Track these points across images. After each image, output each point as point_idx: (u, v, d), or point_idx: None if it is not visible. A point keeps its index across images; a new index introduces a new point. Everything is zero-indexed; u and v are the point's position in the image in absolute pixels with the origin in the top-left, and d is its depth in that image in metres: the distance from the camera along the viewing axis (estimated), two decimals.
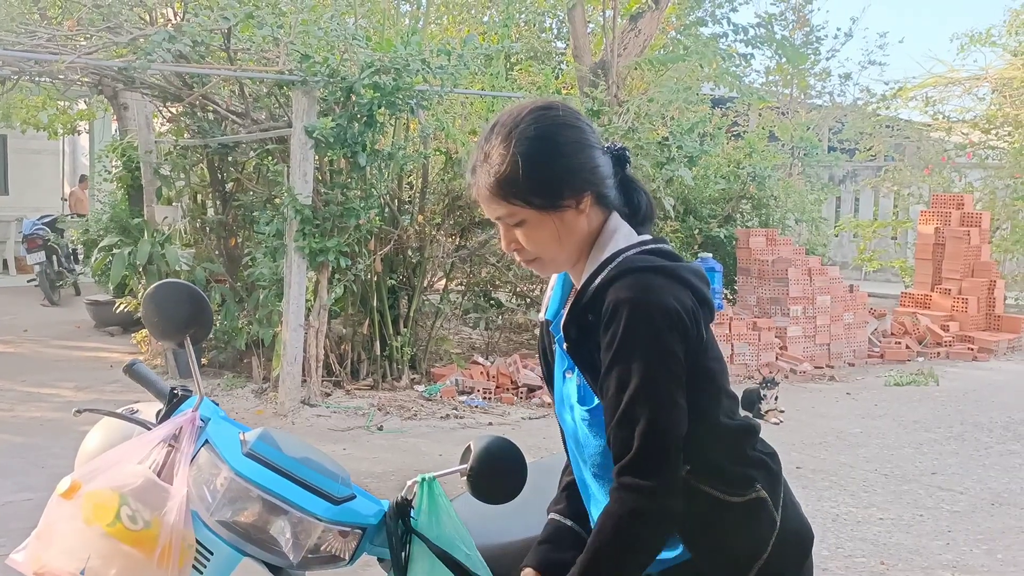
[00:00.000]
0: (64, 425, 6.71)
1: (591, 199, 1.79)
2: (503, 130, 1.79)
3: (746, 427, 1.86)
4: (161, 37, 6.41)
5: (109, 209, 10.25)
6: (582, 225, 1.80)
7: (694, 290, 1.76)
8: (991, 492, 5.87)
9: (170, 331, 2.03)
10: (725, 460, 1.79)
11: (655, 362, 1.68)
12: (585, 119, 1.87)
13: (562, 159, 1.76)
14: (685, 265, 1.80)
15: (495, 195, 1.78)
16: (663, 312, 1.68)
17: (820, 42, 14.95)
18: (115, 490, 1.84)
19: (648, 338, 1.67)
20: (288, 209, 7.08)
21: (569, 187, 1.76)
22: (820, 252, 11.21)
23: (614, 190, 1.84)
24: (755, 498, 1.77)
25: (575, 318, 1.79)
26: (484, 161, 1.80)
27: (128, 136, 10.52)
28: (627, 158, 1.88)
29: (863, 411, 8.01)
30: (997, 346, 10.81)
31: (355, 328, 8.13)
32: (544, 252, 1.82)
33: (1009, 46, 18.86)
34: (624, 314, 1.68)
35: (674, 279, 1.74)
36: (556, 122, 1.79)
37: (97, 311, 10.87)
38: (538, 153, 1.75)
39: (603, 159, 1.82)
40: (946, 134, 15.74)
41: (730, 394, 1.85)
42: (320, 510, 1.92)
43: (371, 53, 6.83)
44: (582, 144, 1.79)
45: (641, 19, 10.13)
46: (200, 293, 2.03)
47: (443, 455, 6.35)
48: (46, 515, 1.86)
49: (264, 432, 1.99)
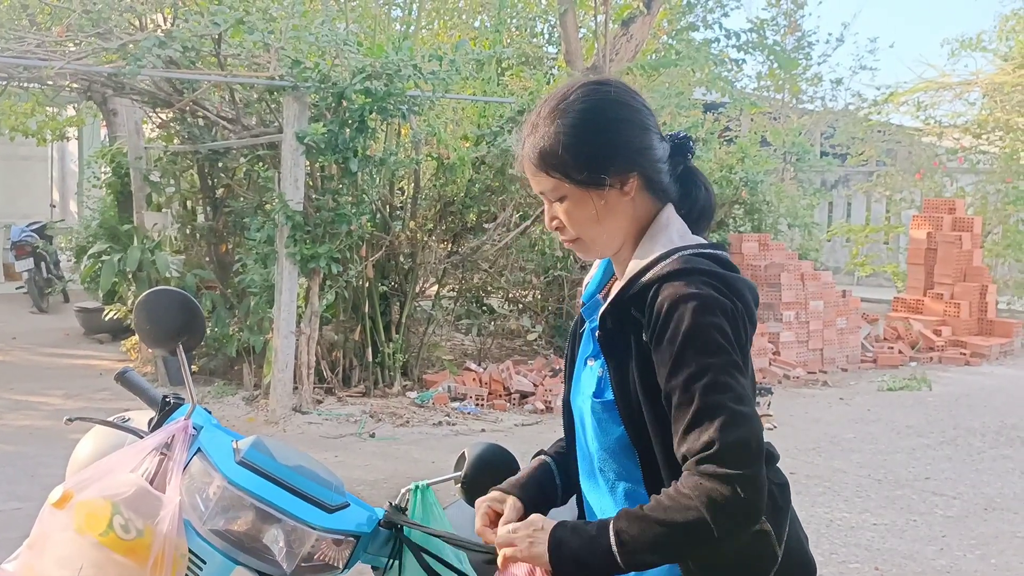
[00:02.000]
0: (54, 434, 6.65)
1: (638, 182, 1.72)
2: (552, 102, 1.76)
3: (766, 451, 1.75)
4: (151, 43, 6.38)
5: (98, 216, 10.20)
6: (627, 209, 1.74)
7: (747, 306, 1.68)
8: (984, 497, 5.87)
9: (162, 338, 2.01)
10: None
11: (728, 357, 1.59)
12: (642, 101, 1.79)
13: (607, 134, 1.70)
14: (742, 278, 1.71)
15: (538, 167, 1.74)
16: (729, 314, 1.62)
17: (811, 47, 15.00)
18: (107, 499, 1.81)
19: (719, 334, 1.59)
20: (279, 215, 7.05)
21: (613, 164, 1.70)
22: (813, 257, 11.22)
23: (669, 179, 1.76)
24: (758, 531, 1.65)
25: (616, 309, 1.71)
26: (531, 132, 1.76)
27: (117, 142, 10.48)
28: (689, 148, 1.80)
29: (856, 416, 8.02)
30: (989, 351, 10.83)
31: (347, 335, 8.10)
32: (584, 232, 1.76)
33: (1000, 51, 18.97)
34: (689, 310, 1.59)
35: (732, 290, 1.66)
36: (606, 97, 1.74)
37: (86, 318, 10.81)
38: (582, 126, 1.70)
39: (659, 143, 1.75)
40: (937, 139, 15.79)
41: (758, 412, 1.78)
42: (314, 518, 1.89)
43: (362, 58, 6.81)
44: (632, 123, 1.73)
45: (633, 24, 10.15)
46: (192, 300, 2.01)
47: (436, 462, 6.32)
48: (38, 525, 1.83)
49: (257, 440, 1.97)
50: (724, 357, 1.59)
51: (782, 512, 1.73)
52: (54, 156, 19.57)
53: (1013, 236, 13.22)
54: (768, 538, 1.67)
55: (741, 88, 14.73)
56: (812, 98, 16.55)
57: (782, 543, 1.69)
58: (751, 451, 1.56)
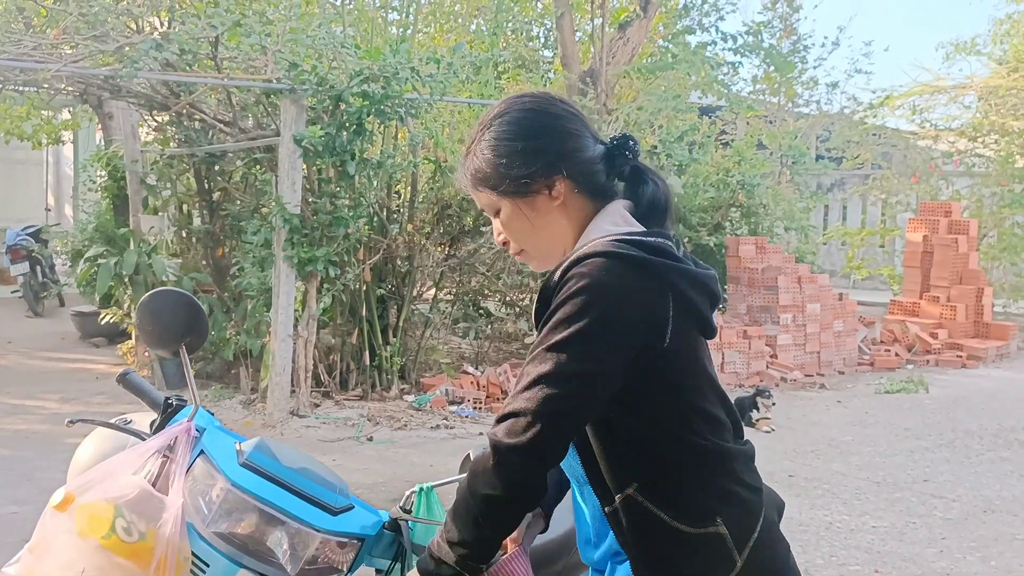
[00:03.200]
0: (51, 437, 6.63)
1: (567, 186, 1.72)
2: (479, 123, 1.81)
3: (720, 451, 1.68)
4: (148, 45, 6.36)
5: (94, 219, 10.17)
6: (560, 214, 1.74)
7: (677, 293, 1.63)
8: (983, 499, 5.87)
9: (165, 340, 1.99)
10: (683, 483, 1.65)
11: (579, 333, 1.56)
12: (569, 106, 1.81)
13: (525, 141, 1.72)
14: (672, 264, 1.64)
15: (471, 185, 1.79)
16: (610, 294, 1.57)
17: (807, 50, 15.01)
18: (110, 502, 1.80)
19: (583, 310, 1.56)
20: (276, 218, 7.03)
21: (536, 170, 1.71)
22: (809, 260, 11.23)
23: (608, 179, 1.77)
24: (712, 532, 1.62)
25: (545, 305, 1.67)
26: (465, 153, 1.81)
27: (113, 146, 10.45)
28: (629, 147, 1.78)
29: (854, 419, 8.01)
30: (986, 353, 10.85)
31: (344, 338, 8.07)
32: (525, 242, 1.78)
33: (994, 55, 19.01)
34: (574, 287, 1.58)
35: (644, 271, 1.61)
36: (524, 107, 1.77)
37: (82, 322, 10.77)
38: (502, 137, 1.73)
39: (589, 146, 1.75)
40: (933, 142, 15.81)
41: (707, 414, 1.68)
42: (318, 521, 1.88)
43: (360, 61, 6.80)
44: (551, 128, 1.74)
45: (629, 27, 10.15)
46: (195, 301, 1.99)
47: (434, 465, 6.31)
48: (40, 528, 1.82)
49: (260, 442, 1.96)
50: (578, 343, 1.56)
51: (749, 517, 1.67)
52: (49, 160, 19.53)
53: (1009, 239, 13.24)
54: (722, 541, 1.62)
55: (737, 92, 14.73)
56: (808, 102, 16.57)
57: (743, 550, 1.63)
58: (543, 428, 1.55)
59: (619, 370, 1.59)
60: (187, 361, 1.99)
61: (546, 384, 1.55)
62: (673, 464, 1.65)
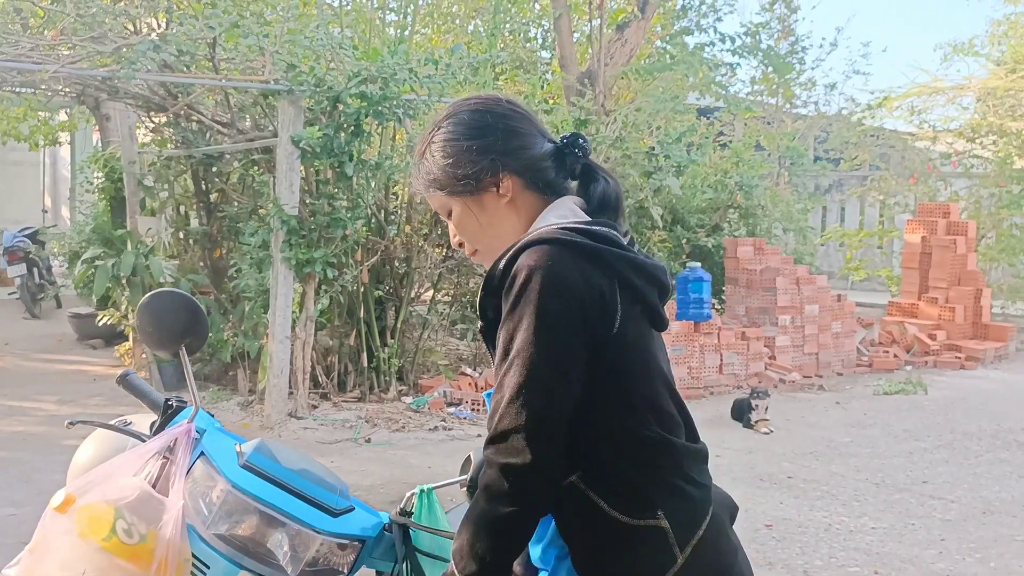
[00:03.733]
0: (48, 439, 6.62)
1: (515, 183, 1.75)
2: (429, 126, 1.83)
3: (668, 445, 1.66)
4: (146, 46, 6.35)
5: (91, 221, 10.15)
6: (509, 211, 1.76)
7: (621, 279, 1.64)
8: (983, 501, 5.86)
9: (165, 341, 1.99)
10: (625, 473, 1.64)
11: (541, 330, 1.56)
12: (516, 106, 1.84)
13: (470, 140, 1.74)
14: (624, 253, 1.66)
15: (423, 188, 1.82)
16: (561, 282, 1.58)
17: (805, 52, 15.02)
18: (110, 503, 1.79)
19: (539, 305, 1.57)
20: (274, 220, 7.02)
21: (480, 168, 1.73)
22: (808, 261, 11.22)
23: (558, 176, 1.78)
24: (652, 526, 1.61)
25: (489, 297, 1.69)
26: (417, 157, 1.84)
27: (111, 147, 10.44)
28: (579, 145, 1.79)
29: (853, 420, 8.01)
30: (984, 355, 10.84)
31: (342, 340, 8.06)
32: (477, 242, 1.80)
33: (992, 56, 19.04)
34: (520, 280, 1.59)
35: (590, 258, 1.63)
36: (469, 108, 1.80)
37: (79, 324, 10.75)
38: (449, 139, 1.76)
39: (537, 143, 1.78)
40: (931, 143, 15.82)
41: (659, 407, 1.68)
42: (319, 522, 1.88)
43: (358, 62, 6.79)
44: (497, 127, 1.76)
45: (627, 28, 10.15)
46: (196, 303, 1.99)
47: (432, 467, 6.30)
48: (40, 529, 1.81)
49: (261, 443, 1.95)
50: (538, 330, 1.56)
51: (695, 513, 1.65)
52: (46, 161, 19.53)
53: (1007, 240, 13.24)
54: (663, 535, 1.60)
55: (735, 93, 14.74)
56: (806, 103, 16.58)
57: (685, 546, 1.61)
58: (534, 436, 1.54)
59: (584, 354, 1.60)
60: (187, 363, 1.98)
61: (527, 393, 1.56)
62: (617, 452, 1.64)
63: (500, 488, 1.56)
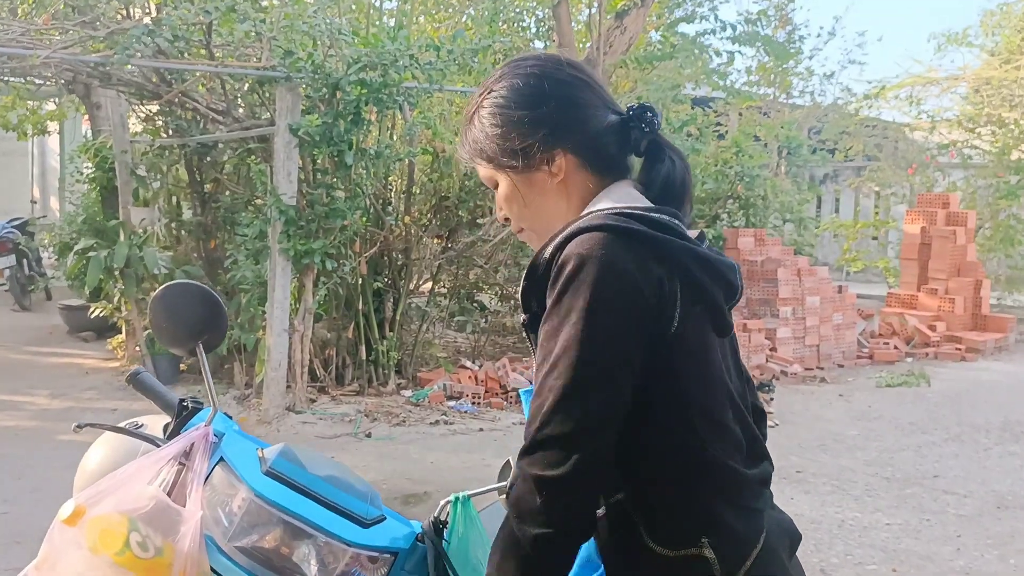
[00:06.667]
0: (41, 434, 6.47)
1: (570, 161, 1.56)
2: (481, 88, 1.64)
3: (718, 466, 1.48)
4: (140, 31, 6.17)
5: (82, 212, 9.95)
6: (560, 191, 1.58)
7: (684, 273, 1.45)
8: (996, 495, 5.78)
9: (181, 337, 1.85)
10: (671, 496, 1.47)
11: (589, 327, 1.38)
12: (578, 71, 1.62)
13: (524, 110, 1.55)
14: (686, 244, 1.47)
15: (470, 157, 1.64)
16: (615, 273, 1.39)
17: (802, 40, 14.91)
18: (124, 514, 1.66)
19: (589, 298, 1.38)
20: (272, 210, 6.86)
21: (534, 143, 1.55)
22: (807, 252, 11.12)
23: (619, 153, 1.59)
24: (693, 555, 1.44)
25: (534, 286, 1.50)
26: (465, 122, 1.66)
27: (102, 136, 10.23)
28: (648, 119, 1.58)
29: (858, 413, 7.92)
30: (984, 346, 10.78)
31: (339, 332, 7.92)
32: (523, 220, 1.63)
33: (986, 46, 19.00)
34: (568, 269, 1.41)
35: (647, 245, 1.43)
36: (526, 72, 1.58)
37: (70, 316, 10.57)
38: (501, 105, 1.57)
39: (600, 115, 1.57)
40: (928, 134, 15.75)
41: (717, 423, 1.49)
42: (349, 534, 1.74)
43: (358, 48, 6.62)
44: (556, 96, 1.56)
45: (627, 16, 10.00)
46: (214, 295, 1.85)
47: (435, 462, 6.18)
48: (47, 543, 1.67)
49: (285, 448, 1.81)
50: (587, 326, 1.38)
51: (741, 542, 1.48)
52: (34, 151, 19.27)
53: (1005, 231, 13.18)
54: (707, 566, 1.44)
55: (731, 83, 14.60)
56: (802, 92, 16.48)
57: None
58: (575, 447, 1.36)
59: (639, 355, 1.41)
60: (204, 361, 1.85)
61: (572, 398, 1.37)
62: (666, 472, 1.47)
63: (531, 505, 1.37)
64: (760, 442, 1.58)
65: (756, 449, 1.57)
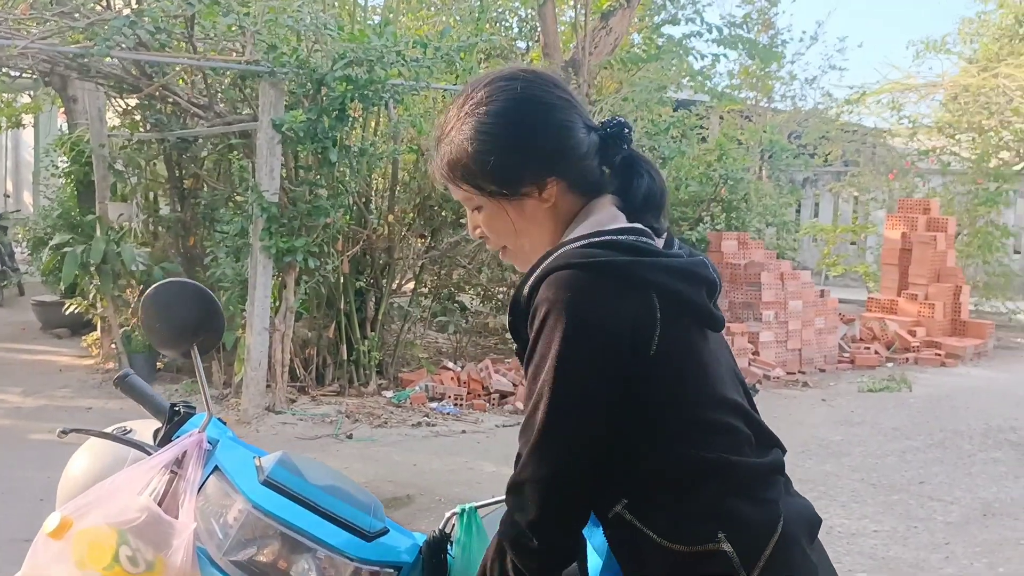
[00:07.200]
0: (13, 433, 6.31)
1: (559, 187, 1.55)
2: (458, 102, 1.58)
3: (721, 464, 1.49)
4: (121, 22, 6.03)
5: (58, 206, 9.76)
6: (548, 215, 1.57)
7: (661, 291, 1.47)
8: (982, 502, 5.76)
9: (175, 338, 1.75)
10: (671, 498, 1.48)
11: (560, 380, 1.42)
12: (562, 90, 1.60)
13: (517, 140, 1.53)
14: (648, 261, 1.48)
15: (447, 177, 1.58)
16: (583, 323, 1.42)
17: (785, 45, 14.95)
18: (113, 527, 1.56)
19: (559, 352, 1.42)
20: (254, 207, 6.74)
21: (527, 172, 1.53)
22: (789, 256, 11.12)
23: (599, 173, 1.59)
24: (711, 550, 1.45)
25: (519, 319, 1.54)
26: (440, 137, 1.59)
27: (79, 130, 10.04)
28: (625, 136, 1.59)
29: (841, 418, 7.90)
30: (964, 352, 10.80)
31: (320, 332, 7.80)
32: (507, 241, 1.61)
33: (964, 54, 19.13)
34: (539, 317, 1.44)
35: (615, 276, 1.45)
36: (515, 96, 1.55)
37: (43, 312, 10.38)
38: (490, 132, 1.53)
39: (583, 137, 1.56)
40: (908, 140, 15.82)
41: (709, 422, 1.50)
42: (351, 547, 1.66)
43: (344, 44, 6.52)
44: (548, 122, 1.54)
45: (612, 17, 9.96)
46: (209, 294, 1.75)
47: (417, 465, 6.09)
48: (31, 557, 1.57)
49: (283, 457, 1.73)
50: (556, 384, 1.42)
51: (760, 533, 1.48)
52: (8, 145, 18.98)
53: (984, 237, 13.24)
54: (726, 560, 1.44)
55: (714, 86, 14.60)
56: (783, 97, 16.52)
57: (754, 569, 1.45)
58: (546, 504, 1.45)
59: (616, 391, 1.45)
60: (199, 363, 1.75)
61: (546, 443, 1.44)
62: (667, 479, 1.49)
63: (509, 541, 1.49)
64: (767, 430, 1.61)
65: (764, 438, 1.60)
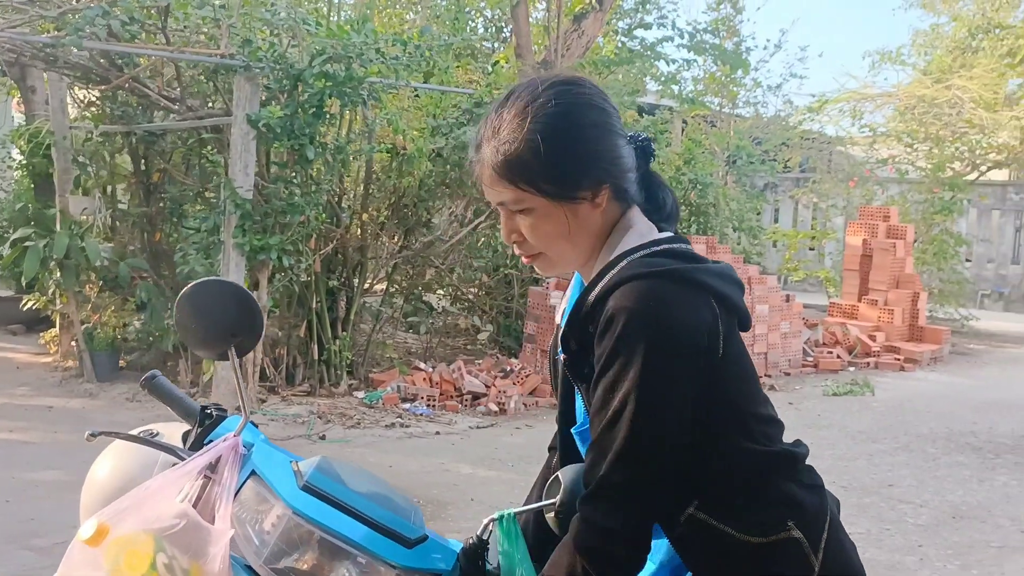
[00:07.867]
0: None
1: (609, 193, 1.58)
2: (519, 103, 1.56)
3: (780, 455, 1.62)
4: (95, 12, 5.89)
5: (16, 200, 9.51)
6: (596, 220, 1.59)
7: (718, 296, 1.54)
8: (950, 505, 5.85)
9: (211, 340, 1.70)
10: (743, 493, 1.56)
11: (648, 388, 1.45)
12: (611, 101, 1.64)
13: (584, 144, 1.55)
14: (705, 267, 1.56)
15: (502, 176, 1.55)
16: (668, 330, 1.46)
17: (749, 52, 15.09)
18: (150, 533, 1.51)
19: (644, 358, 1.44)
20: (227, 203, 6.63)
21: (588, 176, 1.55)
22: (756, 261, 11.22)
23: (635, 185, 1.63)
24: (784, 539, 1.54)
25: (575, 330, 1.57)
26: (493, 136, 1.56)
27: (37, 121, 9.79)
28: (652, 151, 1.69)
29: (808, 421, 7.98)
30: (921, 356, 10.99)
31: (291, 331, 7.70)
32: (550, 247, 1.61)
33: (918, 65, 19.51)
34: (619, 325, 1.46)
35: (688, 284, 1.51)
36: (581, 100, 1.58)
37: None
38: (558, 134, 1.53)
39: (627, 149, 1.61)
40: (867, 148, 16.08)
41: (762, 416, 1.62)
42: (393, 555, 1.62)
43: (323, 40, 6.44)
44: (606, 129, 1.57)
45: (585, 20, 9.98)
46: (248, 294, 1.71)
47: (393, 466, 6.04)
48: (64, 566, 1.51)
49: (322, 461, 1.69)
50: (645, 387, 1.45)
51: (818, 515, 1.60)
52: None
53: (939, 245, 13.50)
54: (798, 546, 1.54)
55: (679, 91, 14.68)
56: (746, 103, 16.69)
57: (819, 551, 1.56)
58: (635, 500, 1.48)
59: (692, 397, 1.50)
60: (237, 365, 1.70)
61: (635, 447, 1.47)
62: (737, 475, 1.57)
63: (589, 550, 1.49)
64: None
65: None
